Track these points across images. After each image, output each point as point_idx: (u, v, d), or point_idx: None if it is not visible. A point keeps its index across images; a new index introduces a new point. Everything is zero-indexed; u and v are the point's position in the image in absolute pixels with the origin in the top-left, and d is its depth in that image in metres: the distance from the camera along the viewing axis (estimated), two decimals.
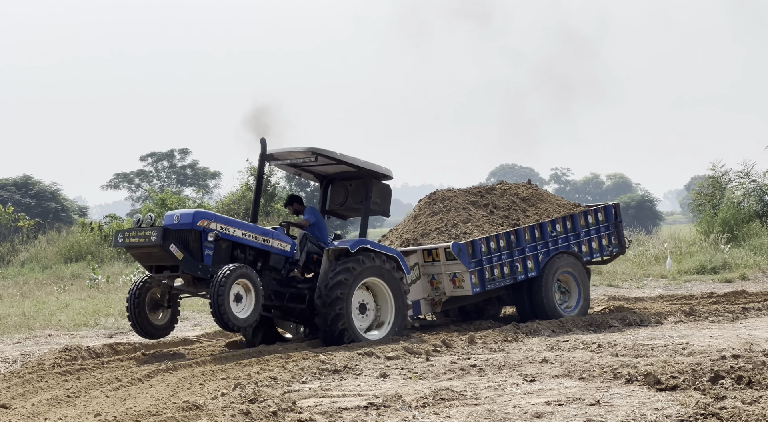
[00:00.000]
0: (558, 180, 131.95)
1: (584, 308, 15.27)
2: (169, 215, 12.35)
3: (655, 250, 27.20)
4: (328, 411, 8.10)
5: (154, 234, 11.82)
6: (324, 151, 13.06)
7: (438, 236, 14.90)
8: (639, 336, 12.97)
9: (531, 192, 16.06)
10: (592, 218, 15.59)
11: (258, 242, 12.67)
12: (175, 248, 11.87)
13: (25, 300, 20.36)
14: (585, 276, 15.36)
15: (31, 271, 28.35)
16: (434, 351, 11.95)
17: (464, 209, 15.41)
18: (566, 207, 15.82)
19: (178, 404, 8.55)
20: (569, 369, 9.81)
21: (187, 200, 35.57)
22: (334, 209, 14.22)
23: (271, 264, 12.84)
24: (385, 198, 13.71)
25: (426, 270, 14.52)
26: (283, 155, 13.41)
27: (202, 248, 12.16)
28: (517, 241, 14.73)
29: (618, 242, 15.88)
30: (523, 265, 14.77)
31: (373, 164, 13.56)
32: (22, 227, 33.92)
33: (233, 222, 12.60)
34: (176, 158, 74.89)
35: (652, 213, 66.99)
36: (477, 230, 14.86)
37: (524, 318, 14.84)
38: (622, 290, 20.98)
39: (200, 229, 12.16)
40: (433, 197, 15.92)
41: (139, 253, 12.25)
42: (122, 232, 12.22)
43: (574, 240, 15.32)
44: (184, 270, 12.05)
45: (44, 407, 9.07)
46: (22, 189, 48.56)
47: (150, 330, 12.40)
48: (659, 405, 7.83)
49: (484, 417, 7.71)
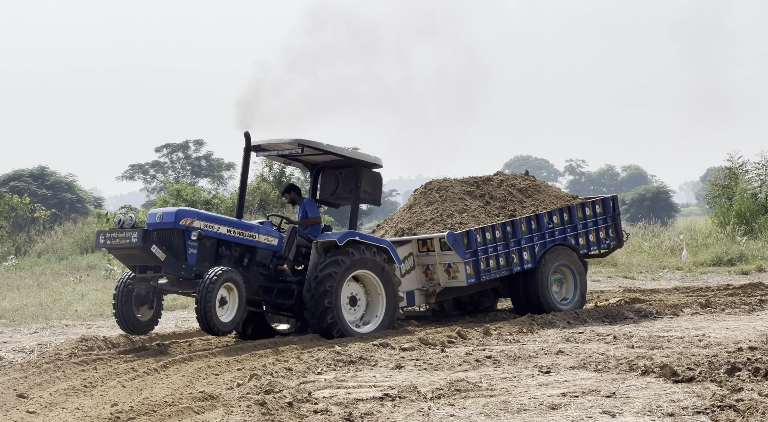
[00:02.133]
0: (573, 172, 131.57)
1: (581, 300, 15.12)
2: (151, 213, 12.18)
3: (670, 242, 27.11)
4: (344, 402, 8.12)
5: (135, 236, 11.62)
6: (310, 142, 12.89)
7: (433, 226, 14.75)
8: (655, 328, 12.93)
9: (528, 183, 15.91)
10: (589, 211, 15.44)
11: (243, 238, 12.48)
12: (156, 249, 11.69)
13: (41, 291, 20.46)
14: (582, 269, 15.19)
15: (47, 261, 28.49)
16: (449, 343, 11.94)
17: (460, 199, 15.26)
18: (564, 199, 15.66)
19: (194, 394, 8.58)
20: (585, 361, 9.80)
21: (201, 191, 35.61)
22: (325, 198, 14.06)
23: (258, 260, 12.64)
24: (376, 187, 13.52)
25: (420, 260, 14.36)
26: (270, 146, 13.25)
27: (186, 247, 11.97)
28: (513, 232, 14.58)
29: (615, 234, 15.72)
30: (519, 256, 14.61)
31: (360, 154, 13.41)
32: (39, 218, 34.06)
33: (217, 219, 12.40)
34: (191, 150, 75.15)
35: (667, 205, 66.72)
36: (473, 221, 14.72)
37: (520, 311, 14.77)
38: (637, 281, 20.92)
39: (183, 228, 11.96)
40: (429, 186, 15.74)
41: (122, 254, 12.05)
42: (103, 233, 11.99)
43: (571, 232, 15.17)
44: (166, 271, 11.89)
45: (61, 396, 9.12)
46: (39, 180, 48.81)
47: (134, 325, 12.16)
48: (675, 396, 7.81)
49: (500, 408, 7.71)
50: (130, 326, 12.16)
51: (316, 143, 12.93)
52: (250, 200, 34.68)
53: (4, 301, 18.54)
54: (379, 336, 12.59)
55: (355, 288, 12.89)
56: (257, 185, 35.78)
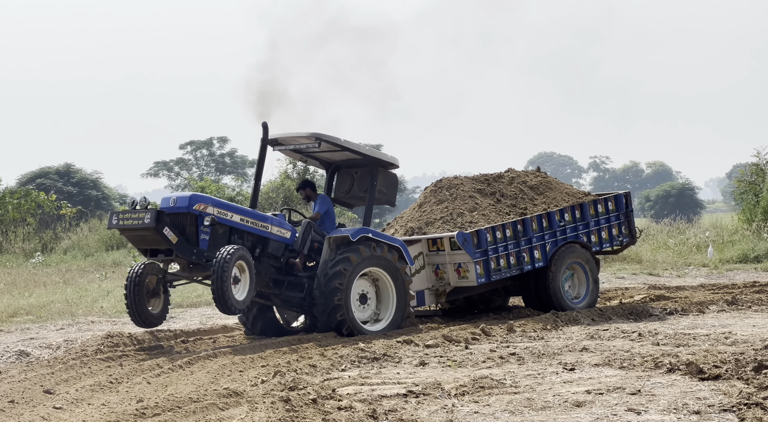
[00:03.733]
0: (597, 168, 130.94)
1: (593, 298, 14.98)
2: (165, 198, 12.07)
3: (696, 239, 26.94)
4: (368, 399, 8.12)
5: (148, 216, 11.50)
6: (328, 137, 12.79)
7: (443, 225, 14.62)
8: (680, 325, 12.85)
9: (540, 180, 15.74)
10: (602, 207, 15.28)
11: (256, 228, 12.34)
12: (169, 231, 11.56)
13: (67, 287, 20.61)
14: (594, 266, 15.04)
15: (73, 258, 28.68)
16: (473, 339, 11.93)
17: (470, 197, 15.11)
18: (576, 196, 15.50)
19: (219, 391, 8.62)
20: (609, 358, 9.75)
21: (225, 188, 35.76)
22: (340, 197, 13.96)
23: (270, 251, 12.50)
24: (391, 187, 13.44)
25: (430, 260, 14.25)
26: (286, 140, 13.16)
27: (198, 233, 11.85)
28: (523, 230, 14.44)
29: (629, 231, 15.56)
30: (530, 255, 14.47)
31: (377, 152, 13.34)
32: (65, 215, 34.28)
33: (231, 207, 12.26)
34: (215, 147, 75.40)
35: (693, 202, 66.23)
36: (483, 219, 14.58)
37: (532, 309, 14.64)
38: (662, 278, 20.80)
39: (196, 213, 11.83)
40: (439, 184, 15.59)
41: (133, 235, 11.89)
42: (116, 214, 11.88)
43: (583, 230, 15.03)
44: (178, 254, 11.77)
45: (88, 393, 9.18)
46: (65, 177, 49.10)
47: (147, 318, 11.97)
48: (701, 394, 7.76)
49: (524, 405, 7.68)
50: (143, 319, 11.94)
51: (333, 138, 12.84)
52: (274, 197, 34.76)
53: (31, 297, 18.69)
54: (402, 332, 12.57)
55: (365, 286, 12.80)
56: (281, 181, 35.85)
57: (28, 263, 27.25)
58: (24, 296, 18.89)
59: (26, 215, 32.55)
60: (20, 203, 32.69)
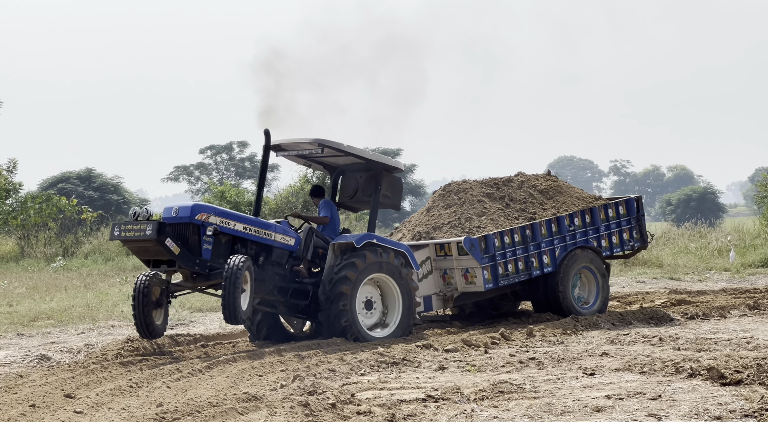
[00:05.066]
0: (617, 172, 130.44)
1: (603, 304, 14.84)
2: (167, 208, 12.01)
3: (717, 243, 26.79)
4: (387, 404, 8.11)
5: (150, 228, 11.46)
6: (331, 142, 12.73)
7: (451, 230, 14.52)
8: (701, 330, 12.77)
9: (550, 184, 15.60)
10: (612, 212, 15.14)
11: (260, 236, 12.25)
12: (171, 242, 11.52)
13: (88, 291, 20.71)
14: (604, 271, 14.90)
15: (94, 263, 28.82)
16: (492, 344, 11.90)
17: (479, 201, 15.01)
18: (586, 200, 15.35)
19: (238, 395, 8.63)
20: (630, 363, 9.70)
21: (245, 193, 35.81)
22: (344, 202, 13.80)
23: (274, 259, 12.42)
24: (396, 191, 13.34)
25: (438, 265, 14.13)
26: (289, 146, 13.10)
27: (201, 243, 11.80)
28: (532, 235, 14.32)
29: (640, 236, 15.42)
30: (539, 260, 14.36)
31: (382, 157, 13.26)
32: (86, 219, 34.44)
33: (233, 216, 12.21)
34: (235, 151, 75.60)
35: (714, 206, 65.85)
36: (491, 224, 14.48)
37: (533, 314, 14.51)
38: (683, 283, 20.68)
39: (198, 223, 11.77)
40: (448, 189, 15.49)
41: (136, 247, 11.87)
42: (118, 225, 11.82)
43: (593, 234, 14.89)
44: (180, 265, 11.73)
45: (108, 397, 9.22)
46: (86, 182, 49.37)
47: (153, 329, 11.92)
48: (723, 399, 7.71)
49: (544, 410, 7.66)
50: (150, 330, 11.89)
51: (336, 144, 12.77)
52: (294, 201, 34.80)
53: (52, 302, 18.79)
54: (422, 337, 12.55)
55: (371, 292, 12.72)
56: (300, 186, 35.88)
57: (50, 268, 27.41)
58: (45, 301, 19.00)
59: (48, 219, 32.73)
60: (42, 208, 32.88)
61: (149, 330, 11.86)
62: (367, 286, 12.61)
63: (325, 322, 12.41)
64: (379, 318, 12.83)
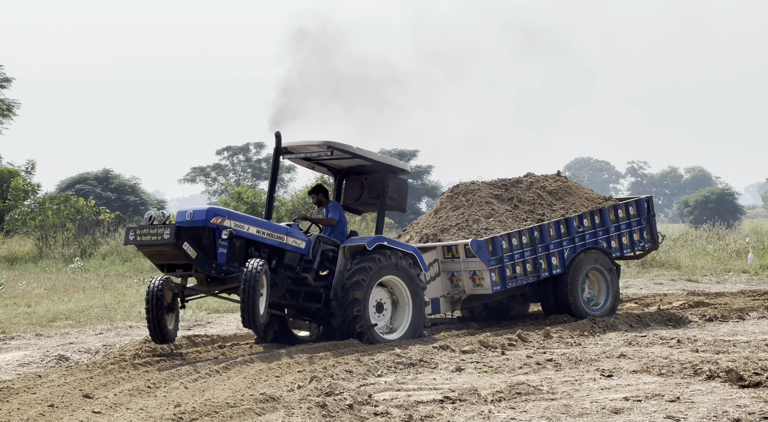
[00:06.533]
0: (634, 173, 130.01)
1: (613, 306, 14.74)
2: (181, 211, 12.01)
3: (736, 244, 26.67)
4: (404, 405, 8.11)
5: (167, 232, 11.43)
6: (340, 145, 12.71)
7: (458, 232, 14.43)
8: (720, 332, 12.71)
9: (559, 185, 15.48)
10: (622, 213, 15.02)
11: (273, 239, 12.27)
12: (188, 246, 11.53)
13: (106, 292, 20.80)
14: (614, 273, 14.78)
15: (111, 263, 28.94)
16: (509, 345, 11.88)
17: (487, 203, 14.90)
18: (595, 201, 15.22)
19: (256, 396, 8.65)
20: (648, 365, 9.66)
21: (262, 194, 35.86)
22: (349, 204, 13.73)
23: (286, 262, 12.42)
24: (402, 193, 13.28)
25: (446, 267, 14.05)
26: (297, 149, 13.08)
27: (216, 246, 11.80)
28: (540, 237, 14.21)
29: (650, 236, 15.31)
30: (548, 262, 14.24)
31: (389, 158, 13.23)
32: (103, 220, 34.61)
33: (248, 219, 12.22)
34: (252, 152, 75.80)
35: (732, 207, 65.57)
36: (499, 226, 14.38)
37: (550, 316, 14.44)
38: (701, 285, 20.59)
39: (214, 226, 11.78)
40: (456, 190, 15.38)
41: (151, 251, 11.84)
42: (133, 229, 11.73)
43: (602, 235, 14.77)
44: (197, 269, 11.72)
45: (126, 397, 9.25)
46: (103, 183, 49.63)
47: (166, 334, 11.87)
48: (742, 402, 7.67)
49: (561, 412, 7.64)
50: (163, 334, 11.85)
51: (345, 146, 12.75)
52: (310, 202, 34.83)
53: (70, 302, 18.89)
54: (439, 338, 12.54)
55: (381, 294, 12.69)
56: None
57: (68, 269, 27.54)
58: (63, 301, 19.10)
59: (66, 220, 32.91)
60: (60, 209, 33.06)
61: (162, 334, 11.83)
62: (377, 289, 12.58)
63: (339, 328, 12.38)
64: (389, 320, 12.80)
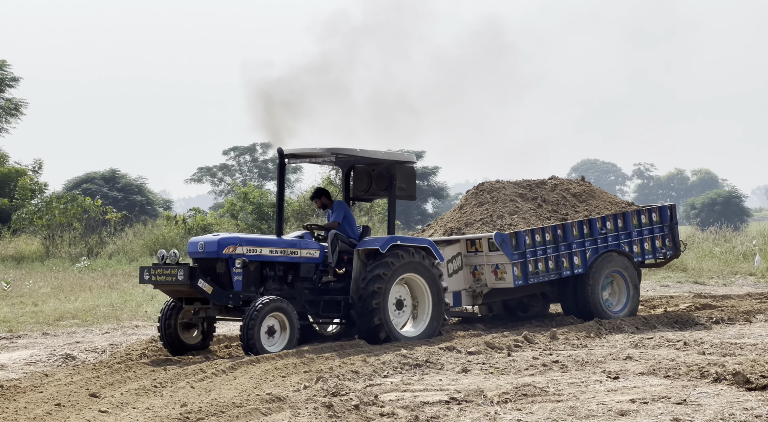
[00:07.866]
0: (641, 175, 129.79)
1: (632, 309, 14.77)
2: (192, 242, 12.16)
3: (743, 247, 26.63)
4: (410, 406, 8.11)
5: (181, 273, 11.61)
6: (344, 150, 12.77)
7: (482, 227, 14.59)
8: (726, 334, 12.69)
9: (583, 188, 15.64)
10: (645, 218, 15.11)
11: (286, 255, 12.38)
12: (203, 283, 11.68)
13: (112, 292, 20.83)
14: (635, 277, 14.83)
15: (118, 263, 28.99)
16: (516, 347, 11.87)
17: (512, 201, 15.07)
18: (619, 205, 15.35)
19: (262, 396, 8.66)
20: (654, 367, 9.66)
21: (269, 194, 35.89)
22: (359, 195, 13.80)
23: (302, 275, 12.56)
24: (410, 182, 13.33)
25: (468, 260, 14.19)
26: (302, 154, 13.14)
27: (231, 275, 11.93)
28: (564, 236, 14.33)
29: (673, 244, 15.36)
30: (570, 261, 14.35)
31: (394, 154, 13.30)
32: (110, 220, 34.68)
33: (259, 241, 12.35)
34: (258, 152, 75.86)
35: (739, 210, 65.47)
36: (523, 223, 14.52)
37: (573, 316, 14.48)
38: (708, 287, 20.56)
39: (227, 257, 11.92)
40: (481, 187, 15.59)
41: (168, 289, 12.06)
42: (147, 269, 11.96)
43: (625, 239, 14.86)
44: (214, 302, 11.88)
45: (132, 396, 9.27)
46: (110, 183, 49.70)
47: (181, 348, 12.14)
48: (749, 404, 7.66)
49: (567, 413, 7.63)
50: (177, 349, 12.13)
51: (349, 151, 12.81)
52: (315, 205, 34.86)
53: (76, 301, 18.92)
54: (445, 339, 12.54)
55: (402, 291, 12.77)
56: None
57: (74, 268, 27.60)
58: (70, 301, 19.13)
59: (72, 219, 32.98)
60: (67, 208, 33.13)
61: (175, 349, 12.15)
62: (398, 286, 12.67)
63: (358, 319, 12.43)
64: (410, 317, 12.88)
